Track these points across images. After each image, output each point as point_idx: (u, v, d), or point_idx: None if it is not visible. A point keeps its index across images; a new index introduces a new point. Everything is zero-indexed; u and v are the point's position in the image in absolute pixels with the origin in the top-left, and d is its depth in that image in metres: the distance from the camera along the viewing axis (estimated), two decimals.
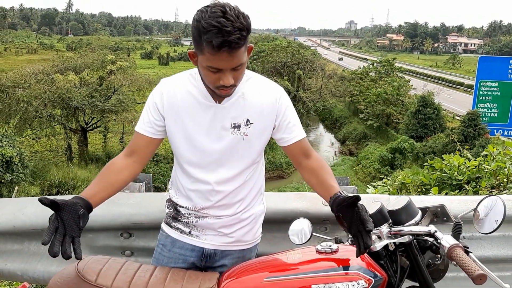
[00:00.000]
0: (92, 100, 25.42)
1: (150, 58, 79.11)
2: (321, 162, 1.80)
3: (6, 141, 17.44)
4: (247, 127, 1.73)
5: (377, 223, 1.63)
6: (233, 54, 1.49)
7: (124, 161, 1.77)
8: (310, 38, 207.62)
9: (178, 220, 1.87)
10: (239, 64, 1.54)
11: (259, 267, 1.61)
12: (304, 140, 1.81)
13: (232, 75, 1.56)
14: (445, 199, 2.43)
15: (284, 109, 1.77)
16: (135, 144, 1.79)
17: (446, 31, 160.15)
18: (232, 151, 1.75)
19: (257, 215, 1.91)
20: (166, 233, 1.91)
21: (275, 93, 1.77)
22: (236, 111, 1.72)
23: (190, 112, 1.73)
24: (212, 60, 1.51)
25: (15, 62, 55.24)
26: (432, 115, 29.31)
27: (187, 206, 1.84)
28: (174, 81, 1.79)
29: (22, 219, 2.35)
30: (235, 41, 1.45)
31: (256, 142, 1.77)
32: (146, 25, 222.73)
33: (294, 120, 1.79)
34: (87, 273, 1.57)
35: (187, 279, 1.61)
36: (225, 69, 1.54)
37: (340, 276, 1.50)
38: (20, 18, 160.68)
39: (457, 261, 1.40)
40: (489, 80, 21.35)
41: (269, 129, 1.78)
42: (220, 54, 1.48)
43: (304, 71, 43.39)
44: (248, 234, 1.88)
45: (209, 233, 1.84)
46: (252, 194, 1.87)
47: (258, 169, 1.88)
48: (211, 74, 1.56)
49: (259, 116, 1.74)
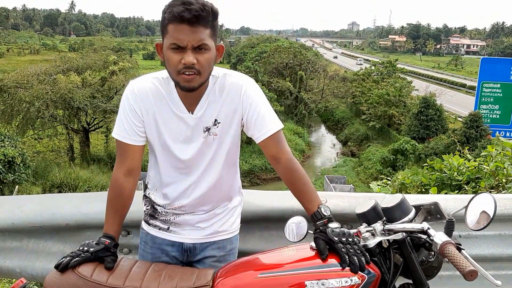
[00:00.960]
0: (94, 100, 25.43)
1: (152, 59, 79.23)
2: (289, 174, 1.76)
3: (8, 141, 17.48)
4: (215, 127, 1.75)
5: (371, 221, 1.65)
6: (195, 29, 1.52)
7: (129, 184, 1.78)
8: (313, 39, 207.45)
9: (156, 217, 1.89)
10: (201, 43, 1.55)
11: (253, 264, 1.62)
12: (272, 139, 1.75)
13: (195, 56, 1.56)
14: (440, 198, 2.44)
15: (249, 103, 1.74)
16: (130, 160, 1.77)
17: (449, 32, 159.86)
18: (206, 152, 1.77)
19: (233, 207, 1.93)
20: (146, 231, 1.93)
21: (239, 88, 1.75)
22: (205, 116, 1.73)
23: (165, 120, 1.74)
24: (173, 34, 1.54)
25: (18, 62, 55.39)
26: (434, 116, 29.27)
27: (163, 204, 1.86)
28: (146, 82, 1.76)
29: (21, 216, 2.37)
30: (197, 10, 1.49)
31: (227, 140, 1.78)
32: (149, 26, 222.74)
33: (261, 113, 1.75)
34: (83, 269, 1.58)
35: (182, 275, 1.62)
36: (186, 47, 1.54)
37: (333, 272, 1.51)
38: (23, 18, 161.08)
39: (449, 258, 1.41)
40: (491, 81, 21.32)
41: (237, 125, 1.78)
42: (181, 26, 1.51)
43: (306, 72, 43.38)
44: (224, 225, 1.90)
45: (187, 228, 1.86)
46: (228, 189, 1.90)
47: (233, 165, 1.89)
48: (173, 56, 1.56)
49: (226, 114, 1.75)
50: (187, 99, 1.71)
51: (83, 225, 2.36)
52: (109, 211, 1.76)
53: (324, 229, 1.60)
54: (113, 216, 1.75)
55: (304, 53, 46.98)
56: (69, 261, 1.58)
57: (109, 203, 1.77)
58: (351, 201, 2.31)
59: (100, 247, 1.62)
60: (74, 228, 2.37)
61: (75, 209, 2.37)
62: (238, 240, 1.99)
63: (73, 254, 1.61)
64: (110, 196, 1.78)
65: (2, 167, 16.23)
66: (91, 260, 1.61)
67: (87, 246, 1.63)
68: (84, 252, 1.61)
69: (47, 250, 2.42)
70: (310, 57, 47.48)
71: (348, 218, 2.18)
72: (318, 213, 1.67)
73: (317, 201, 1.72)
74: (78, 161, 26.16)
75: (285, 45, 52.32)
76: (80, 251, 1.62)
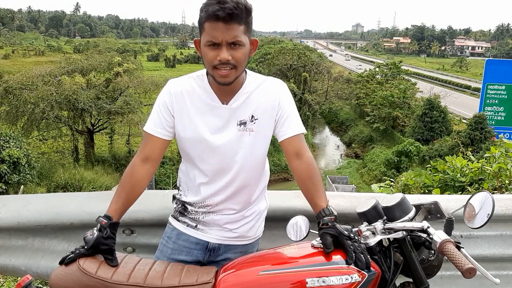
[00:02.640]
0: (98, 102, 25.50)
1: (157, 61, 79.36)
2: (309, 169, 1.82)
3: (14, 142, 17.54)
4: (252, 123, 1.80)
5: (371, 220, 1.67)
6: (229, 26, 1.60)
7: (143, 169, 1.81)
8: (317, 41, 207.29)
9: (185, 215, 1.94)
10: (235, 40, 1.63)
11: (255, 261, 1.65)
12: (298, 137, 1.83)
13: (230, 52, 1.64)
14: (441, 198, 2.44)
15: (284, 105, 1.83)
16: (149, 148, 1.83)
17: (453, 34, 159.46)
18: (240, 147, 1.81)
19: (260, 211, 1.98)
20: (173, 226, 1.97)
21: (277, 89, 1.84)
22: (241, 110, 1.79)
23: (198, 113, 1.79)
24: (209, 32, 1.62)
25: (23, 64, 55.53)
26: (438, 118, 29.22)
27: (195, 202, 1.90)
28: (181, 82, 1.85)
29: (26, 215, 2.40)
30: (230, 8, 1.57)
31: (262, 137, 1.84)
32: (153, 28, 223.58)
33: (291, 115, 1.84)
34: (88, 266, 1.61)
35: (185, 273, 1.64)
36: (222, 44, 1.62)
37: (334, 270, 1.52)
38: (28, 20, 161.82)
39: (448, 256, 1.43)
40: (496, 83, 21.25)
41: (272, 125, 1.84)
42: (216, 24, 1.59)
43: (310, 74, 43.39)
44: (251, 230, 1.95)
45: (214, 228, 1.91)
46: (257, 191, 1.94)
47: (263, 166, 1.94)
48: (209, 52, 1.65)
49: (263, 111, 1.81)
50: (222, 92, 1.79)
51: (88, 224, 2.37)
52: (116, 192, 1.79)
53: (332, 224, 1.63)
54: (118, 196, 1.78)
55: (308, 55, 46.98)
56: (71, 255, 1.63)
57: (119, 184, 1.81)
58: (353, 201, 2.32)
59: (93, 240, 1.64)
60: (79, 227, 2.39)
61: (80, 208, 2.39)
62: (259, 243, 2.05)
63: (76, 251, 1.65)
64: (122, 177, 1.82)
65: (7, 168, 16.28)
66: (90, 254, 1.64)
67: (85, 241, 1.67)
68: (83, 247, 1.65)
69: (52, 248, 2.45)
70: (314, 59, 47.46)
71: (350, 217, 2.19)
72: (328, 209, 1.70)
73: (326, 199, 1.77)
74: (83, 162, 26.23)
75: (289, 46, 52.36)
76: (81, 246, 1.66)
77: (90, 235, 1.66)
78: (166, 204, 2.28)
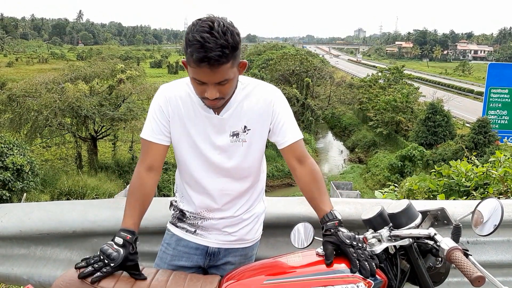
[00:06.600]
0: (101, 108, 25.57)
1: (160, 67, 79.65)
2: (313, 174, 1.81)
3: (17, 149, 17.56)
4: (245, 134, 1.78)
5: (377, 226, 1.64)
6: (215, 70, 1.52)
7: (150, 178, 1.79)
8: (319, 46, 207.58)
9: (184, 221, 1.93)
10: (222, 80, 1.56)
11: (259, 270, 1.62)
12: (298, 144, 1.81)
13: (217, 89, 1.58)
14: (448, 204, 2.42)
15: (278, 112, 1.79)
16: (152, 156, 1.80)
17: (456, 38, 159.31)
18: (233, 158, 1.80)
19: (258, 214, 1.97)
20: (172, 232, 1.95)
21: (269, 97, 1.79)
22: (233, 121, 1.76)
23: (192, 120, 1.77)
24: (195, 73, 1.55)
25: (26, 71, 55.87)
26: (441, 122, 29.17)
27: (191, 211, 1.89)
28: (175, 86, 1.81)
29: (29, 224, 2.38)
30: (215, 57, 1.48)
31: (255, 147, 1.82)
32: (156, 35, 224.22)
33: (288, 122, 1.80)
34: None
35: (189, 282, 1.62)
36: (208, 83, 1.57)
37: (339, 279, 1.50)
38: (32, 28, 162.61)
39: (456, 263, 1.40)
40: (499, 87, 21.27)
41: (266, 133, 1.82)
42: (201, 69, 1.51)
43: (312, 79, 43.37)
44: (250, 233, 1.94)
45: (213, 232, 1.90)
46: (254, 196, 1.93)
47: (259, 172, 1.93)
48: (197, 85, 1.60)
49: (256, 121, 1.78)
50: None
51: (90, 232, 2.36)
52: (129, 204, 1.75)
53: (335, 231, 1.61)
54: (133, 208, 1.74)
55: (311, 60, 47.03)
56: (92, 272, 1.56)
57: (129, 196, 1.78)
58: (358, 207, 2.30)
59: (121, 258, 1.59)
60: (81, 235, 2.37)
61: (82, 216, 2.38)
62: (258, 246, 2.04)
63: (96, 265, 1.58)
64: (131, 189, 1.79)
65: (10, 175, 16.30)
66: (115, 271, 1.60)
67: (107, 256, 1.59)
68: (106, 265, 1.58)
69: (54, 257, 2.43)
70: (317, 64, 47.50)
71: (355, 224, 2.16)
72: (331, 214, 1.69)
73: (330, 204, 1.75)
74: (86, 169, 26.27)
75: (292, 52, 52.43)
76: (101, 261, 1.59)
77: (112, 250, 1.60)
78: (168, 211, 2.26)
